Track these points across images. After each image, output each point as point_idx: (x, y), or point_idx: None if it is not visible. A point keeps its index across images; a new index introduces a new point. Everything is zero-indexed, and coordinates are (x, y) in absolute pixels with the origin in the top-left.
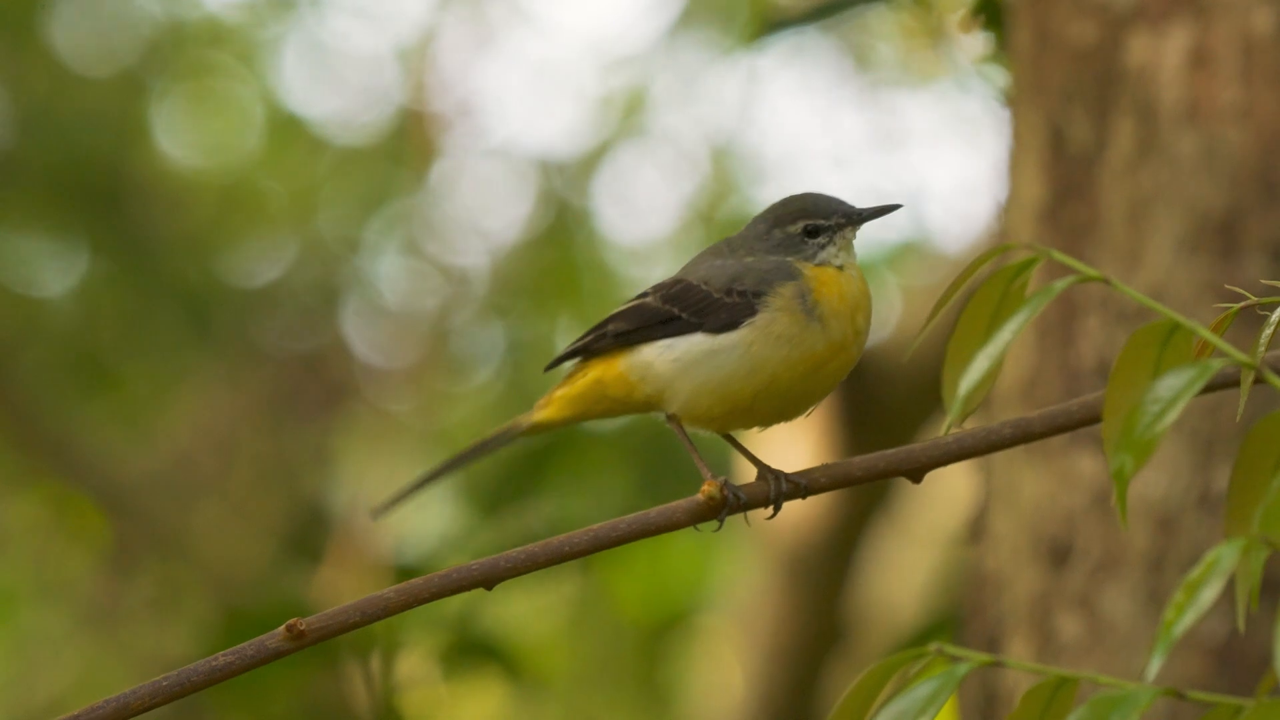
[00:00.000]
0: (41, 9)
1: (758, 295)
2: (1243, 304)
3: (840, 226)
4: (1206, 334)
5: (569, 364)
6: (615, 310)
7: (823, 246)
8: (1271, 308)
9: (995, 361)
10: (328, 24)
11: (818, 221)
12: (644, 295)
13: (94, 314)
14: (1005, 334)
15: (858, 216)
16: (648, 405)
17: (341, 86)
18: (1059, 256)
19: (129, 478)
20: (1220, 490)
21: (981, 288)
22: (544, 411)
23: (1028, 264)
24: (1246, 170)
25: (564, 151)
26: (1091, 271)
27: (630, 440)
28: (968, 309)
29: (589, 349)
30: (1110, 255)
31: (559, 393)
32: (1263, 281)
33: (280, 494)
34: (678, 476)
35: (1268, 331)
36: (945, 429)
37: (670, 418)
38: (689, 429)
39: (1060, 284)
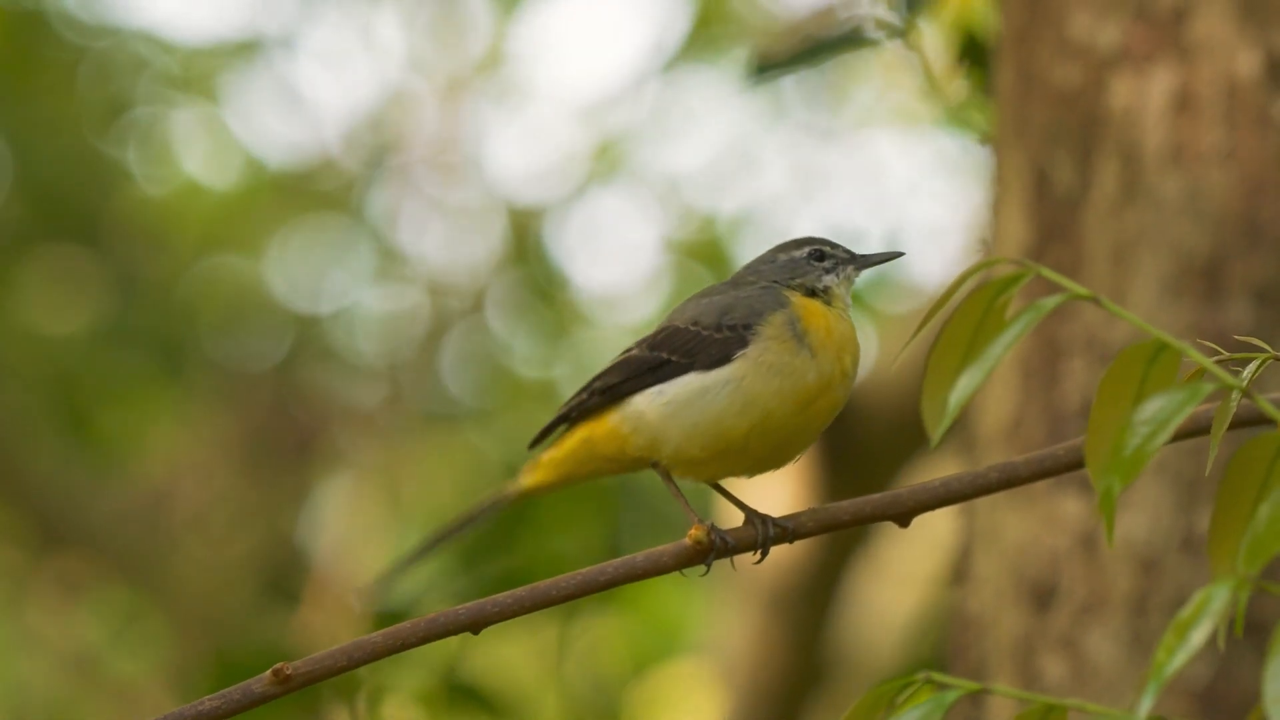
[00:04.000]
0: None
1: (748, 327)
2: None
3: (845, 261)
4: (1196, 355)
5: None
6: (600, 370)
7: (827, 271)
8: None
9: (984, 376)
10: (301, 66)
11: (824, 249)
12: (629, 350)
13: (71, 353)
14: (997, 349)
15: (862, 260)
16: (639, 461)
17: (315, 129)
18: (1046, 273)
19: (105, 517)
20: (1203, 532)
21: (964, 303)
22: (531, 477)
23: (1013, 279)
24: (1230, 213)
25: (540, 195)
26: (1081, 290)
27: (609, 490)
28: (950, 325)
29: (576, 410)
30: None
31: (546, 456)
32: (1236, 337)
33: (257, 534)
34: (658, 525)
35: (1252, 366)
36: (933, 444)
37: (656, 465)
38: (679, 479)
39: (1051, 300)
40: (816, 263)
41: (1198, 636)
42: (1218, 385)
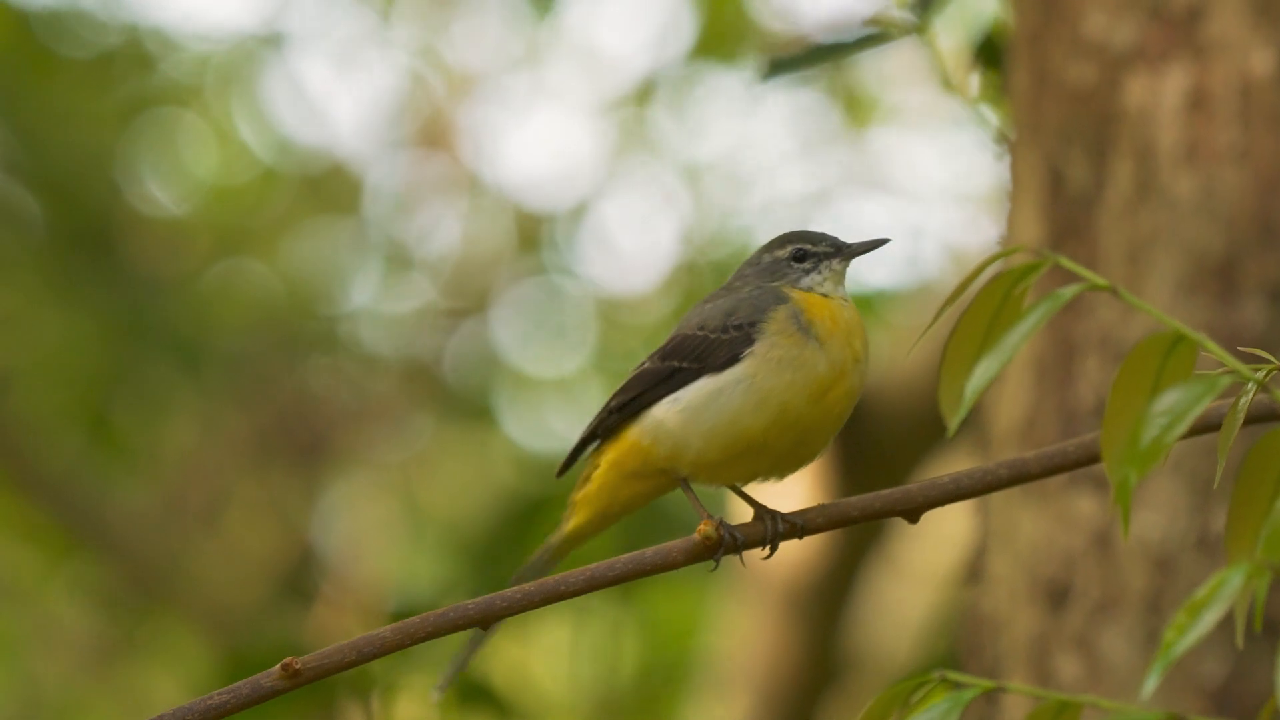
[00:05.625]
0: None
1: (753, 325)
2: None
3: (828, 255)
4: (1213, 348)
5: (583, 461)
6: (615, 389)
7: (807, 272)
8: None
9: (1001, 365)
10: (314, 66)
11: (805, 247)
12: (641, 364)
13: (85, 355)
14: (1014, 338)
15: (847, 250)
16: (665, 472)
17: (328, 129)
18: (1065, 263)
19: (120, 518)
20: (1218, 531)
21: (982, 293)
22: (570, 522)
23: (1031, 268)
24: (1244, 212)
25: (553, 194)
26: (1099, 280)
27: None
28: (967, 315)
29: (598, 431)
30: (1108, 296)
31: (579, 495)
32: (1241, 349)
33: (271, 533)
34: (668, 526)
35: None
36: (950, 432)
37: (682, 481)
38: (704, 486)
39: (1069, 290)
40: (797, 264)
41: (1210, 618)
42: (1235, 377)
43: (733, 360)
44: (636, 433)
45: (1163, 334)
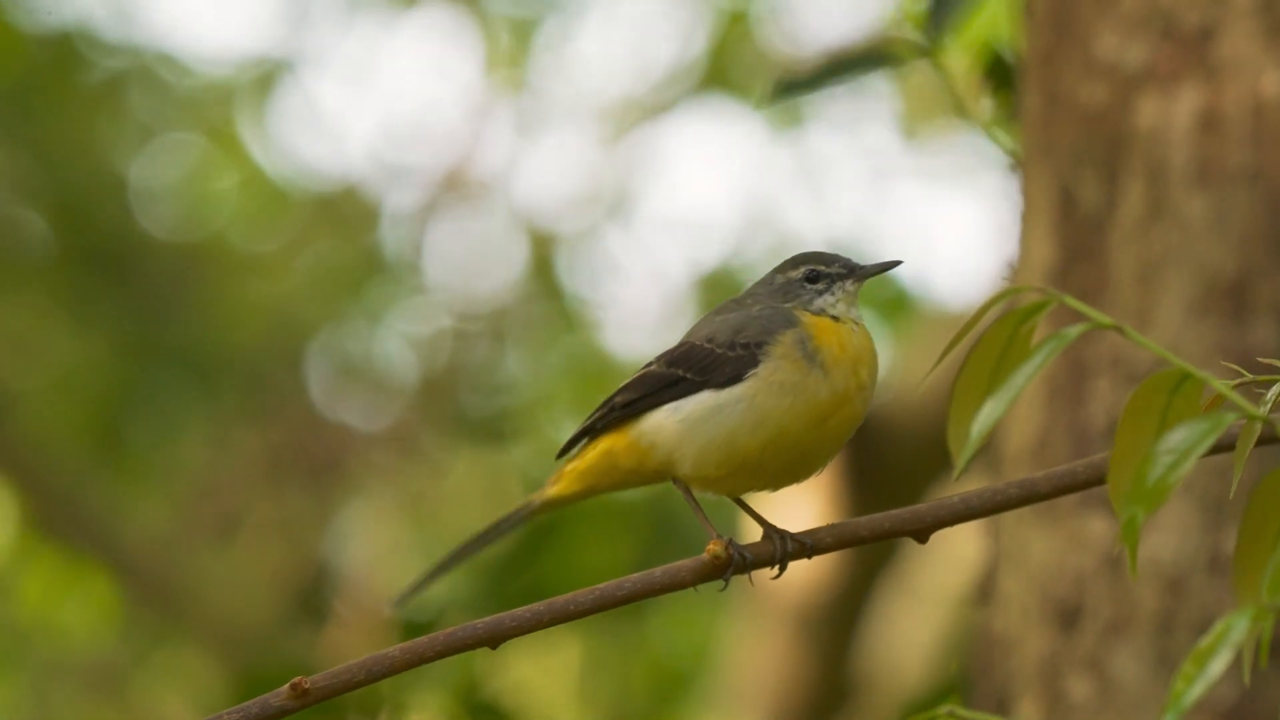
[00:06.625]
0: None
1: (760, 346)
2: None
3: (841, 277)
4: (1218, 384)
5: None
6: (622, 384)
7: (820, 293)
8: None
9: (1007, 405)
10: (327, 89)
11: (818, 268)
12: (649, 365)
13: (99, 376)
14: (1019, 378)
15: (861, 271)
16: (659, 473)
17: (341, 152)
18: (1070, 301)
19: (133, 537)
20: (1229, 552)
21: (989, 331)
22: (555, 487)
23: (1036, 308)
24: (1256, 232)
25: (564, 220)
26: (1104, 319)
27: (634, 510)
28: (974, 353)
29: (599, 424)
30: (1120, 317)
31: (569, 467)
32: (1260, 359)
33: (284, 553)
34: (682, 545)
35: (1276, 388)
36: (956, 474)
37: (677, 480)
38: (699, 492)
39: (1074, 330)
40: (810, 285)
41: (1217, 666)
42: (1240, 415)
43: (736, 379)
44: (636, 432)
45: (1169, 371)
